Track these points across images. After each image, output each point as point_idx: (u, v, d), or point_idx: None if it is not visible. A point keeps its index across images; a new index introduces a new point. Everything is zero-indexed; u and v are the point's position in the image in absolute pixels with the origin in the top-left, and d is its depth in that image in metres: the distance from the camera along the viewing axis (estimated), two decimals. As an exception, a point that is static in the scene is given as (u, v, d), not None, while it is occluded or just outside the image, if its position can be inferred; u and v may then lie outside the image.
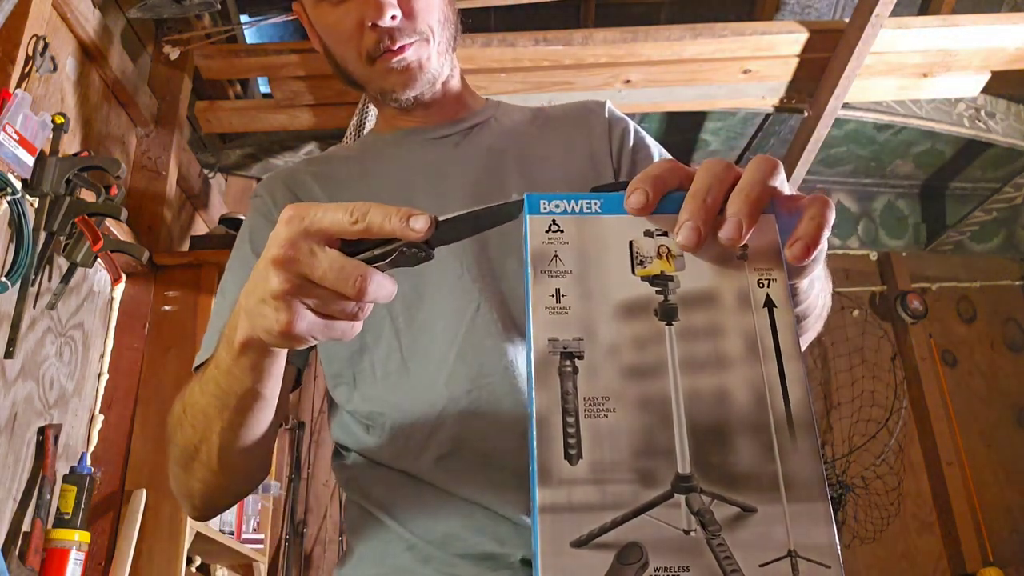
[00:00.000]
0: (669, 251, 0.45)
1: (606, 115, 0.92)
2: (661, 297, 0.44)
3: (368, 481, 0.78)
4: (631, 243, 0.45)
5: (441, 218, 0.47)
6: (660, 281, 0.44)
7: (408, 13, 0.83)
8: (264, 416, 0.66)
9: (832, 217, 0.45)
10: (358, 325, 0.51)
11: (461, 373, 0.74)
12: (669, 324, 0.43)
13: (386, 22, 0.81)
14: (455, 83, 0.93)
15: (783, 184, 0.46)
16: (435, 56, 0.86)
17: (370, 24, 0.82)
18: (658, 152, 0.89)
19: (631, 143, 0.88)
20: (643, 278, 0.44)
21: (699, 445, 0.40)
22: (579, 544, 0.38)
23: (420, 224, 0.45)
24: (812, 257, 0.44)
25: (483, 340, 0.74)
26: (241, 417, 0.64)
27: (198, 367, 0.76)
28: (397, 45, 0.83)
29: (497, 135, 0.91)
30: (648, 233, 0.45)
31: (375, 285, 0.47)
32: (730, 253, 0.45)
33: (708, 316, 0.43)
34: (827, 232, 0.45)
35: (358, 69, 0.87)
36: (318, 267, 0.47)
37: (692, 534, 0.39)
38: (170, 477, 0.76)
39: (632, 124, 0.91)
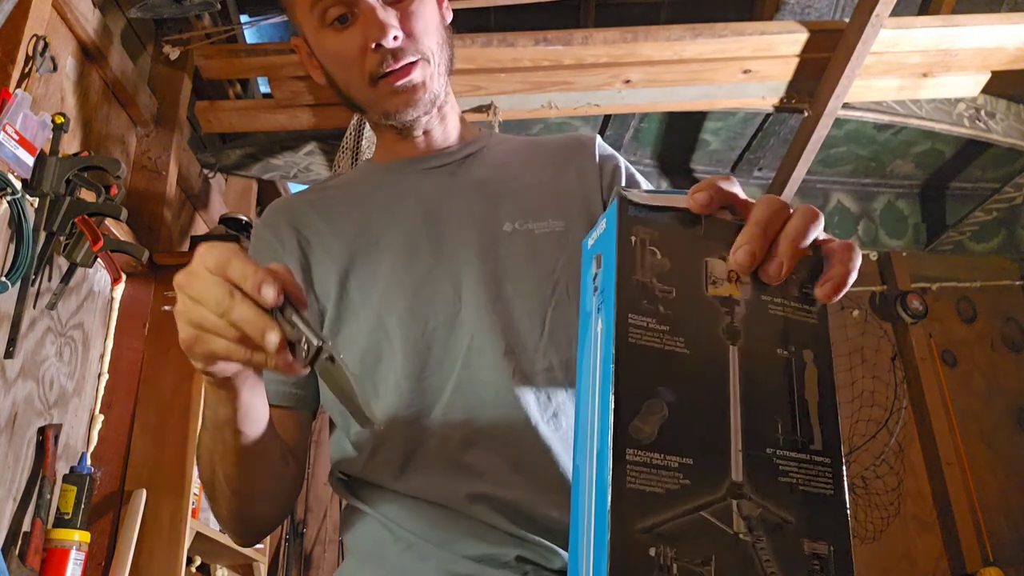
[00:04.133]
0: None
1: (597, 150, 0.94)
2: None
3: (364, 491, 0.80)
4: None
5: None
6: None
7: (409, 34, 0.85)
8: (251, 448, 0.70)
9: (859, 262, 0.51)
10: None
11: (458, 405, 0.76)
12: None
13: (389, 43, 0.83)
14: (449, 110, 0.95)
15: (821, 232, 0.51)
16: (436, 77, 0.88)
17: (373, 45, 0.84)
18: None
19: (623, 180, 0.91)
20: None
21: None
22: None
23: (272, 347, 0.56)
24: (840, 295, 0.50)
25: (478, 373, 0.77)
26: (227, 446, 0.70)
27: None
28: (400, 64, 0.85)
29: (491, 165, 0.93)
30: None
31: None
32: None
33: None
34: (854, 276, 0.50)
35: (361, 92, 0.88)
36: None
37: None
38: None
39: (623, 161, 0.94)
